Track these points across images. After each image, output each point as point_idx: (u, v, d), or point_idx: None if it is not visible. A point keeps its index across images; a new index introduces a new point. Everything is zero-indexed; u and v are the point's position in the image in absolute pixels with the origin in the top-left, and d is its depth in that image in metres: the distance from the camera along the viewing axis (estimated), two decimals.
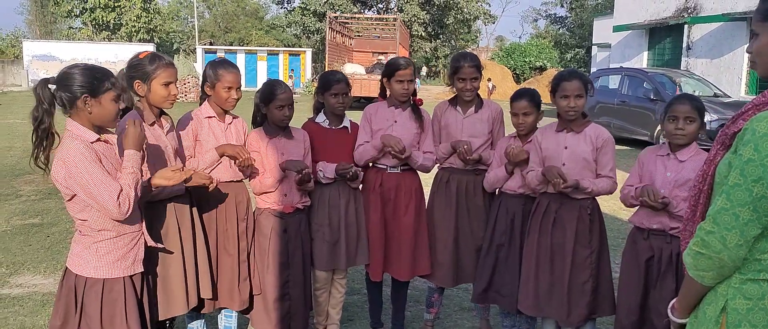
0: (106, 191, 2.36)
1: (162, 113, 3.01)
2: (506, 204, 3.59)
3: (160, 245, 2.81)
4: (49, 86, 2.46)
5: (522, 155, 3.42)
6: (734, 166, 1.61)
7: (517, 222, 3.54)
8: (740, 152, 1.60)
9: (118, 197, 2.37)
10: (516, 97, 3.56)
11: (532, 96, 3.57)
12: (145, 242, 2.68)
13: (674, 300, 1.89)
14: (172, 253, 2.96)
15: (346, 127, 3.71)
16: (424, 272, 3.77)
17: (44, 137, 2.45)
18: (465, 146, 3.58)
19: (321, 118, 3.69)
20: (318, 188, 3.61)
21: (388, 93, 3.75)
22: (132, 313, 2.56)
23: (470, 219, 3.72)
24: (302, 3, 39.82)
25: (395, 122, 3.68)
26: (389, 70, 3.64)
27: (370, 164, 3.74)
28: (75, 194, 2.42)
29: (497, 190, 3.70)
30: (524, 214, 3.53)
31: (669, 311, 1.90)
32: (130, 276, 2.59)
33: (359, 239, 3.69)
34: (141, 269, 2.64)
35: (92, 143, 2.44)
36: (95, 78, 2.43)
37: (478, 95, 3.75)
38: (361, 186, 3.78)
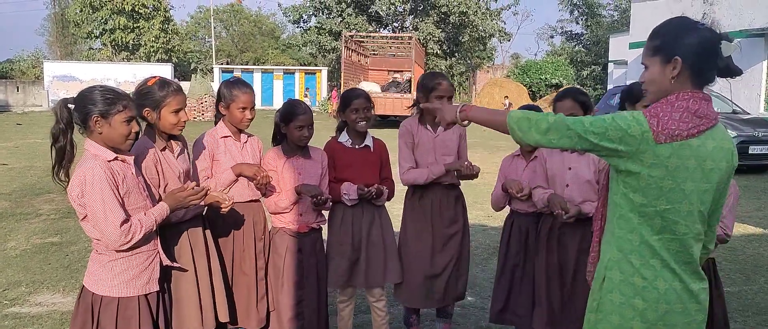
0: (111, 218, 2.40)
1: (173, 135, 3.01)
2: (519, 224, 3.57)
3: (175, 264, 2.81)
4: (68, 105, 2.52)
5: (520, 192, 3.41)
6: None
7: (531, 241, 3.52)
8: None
9: (121, 226, 2.41)
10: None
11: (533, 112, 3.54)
12: (161, 262, 2.69)
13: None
14: (186, 271, 2.96)
15: (369, 146, 3.69)
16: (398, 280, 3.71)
17: (62, 154, 2.50)
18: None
19: (344, 137, 3.67)
20: (341, 205, 3.60)
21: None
22: None
23: (445, 234, 3.69)
24: (318, 22, 40.12)
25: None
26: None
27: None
28: (87, 214, 2.46)
29: (509, 209, 3.68)
30: (538, 233, 3.51)
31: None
32: (146, 295, 2.60)
33: (387, 257, 3.65)
34: (156, 288, 2.65)
35: (109, 161, 2.48)
36: (107, 100, 2.47)
37: None
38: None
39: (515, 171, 3.59)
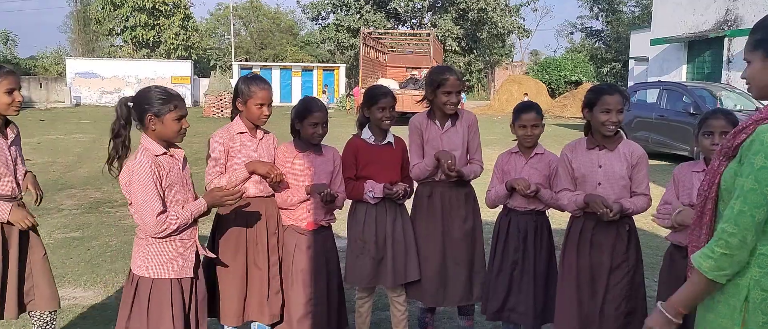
0: (150, 207, 2.64)
1: (8, 122, 3.25)
2: (517, 221, 3.53)
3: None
4: (128, 104, 2.75)
5: (527, 189, 3.39)
6: (746, 173, 1.82)
7: (530, 238, 3.49)
8: (752, 160, 1.82)
9: (157, 215, 2.64)
10: (524, 109, 3.53)
11: (539, 108, 3.53)
12: (198, 252, 2.87)
13: (670, 303, 1.98)
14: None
15: (390, 142, 3.68)
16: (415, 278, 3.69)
17: (120, 148, 2.75)
18: (449, 161, 3.45)
19: (366, 134, 3.65)
20: (364, 203, 3.60)
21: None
22: (178, 316, 2.74)
23: (455, 232, 3.66)
24: (336, 19, 40.21)
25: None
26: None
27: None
28: (132, 200, 2.70)
29: (503, 206, 3.64)
30: (536, 230, 3.49)
31: (670, 314, 1.97)
32: (179, 280, 2.78)
33: (408, 255, 3.64)
34: (190, 274, 2.82)
35: (157, 156, 2.71)
36: (161, 99, 2.71)
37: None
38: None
39: (514, 168, 3.55)
